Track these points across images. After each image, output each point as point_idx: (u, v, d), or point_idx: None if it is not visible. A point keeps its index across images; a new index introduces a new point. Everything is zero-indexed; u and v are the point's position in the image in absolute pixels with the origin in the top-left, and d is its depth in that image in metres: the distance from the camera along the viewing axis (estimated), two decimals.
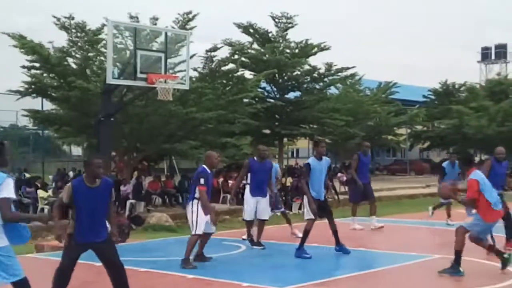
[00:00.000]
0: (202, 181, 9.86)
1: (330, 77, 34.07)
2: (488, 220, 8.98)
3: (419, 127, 51.71)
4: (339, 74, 34.59)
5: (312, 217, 10.74)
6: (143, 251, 11.44)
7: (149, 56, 13.69)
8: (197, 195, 9.91)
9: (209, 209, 9.98)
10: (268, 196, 11.92)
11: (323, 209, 10.97)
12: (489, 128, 41.50)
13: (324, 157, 11.23)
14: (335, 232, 11.15)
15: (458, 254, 9.02)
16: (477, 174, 9.09)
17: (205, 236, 10.26)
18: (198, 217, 9.92)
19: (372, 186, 15.44)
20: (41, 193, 20.04)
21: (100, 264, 10.27)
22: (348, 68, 34.81)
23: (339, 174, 30.77)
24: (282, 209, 13.45)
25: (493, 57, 77.37)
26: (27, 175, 24.32)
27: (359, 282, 9.16)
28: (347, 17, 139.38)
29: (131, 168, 23.10)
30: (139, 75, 12.92)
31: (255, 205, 11.79)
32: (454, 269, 9.01)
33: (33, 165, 32.37)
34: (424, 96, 53.97)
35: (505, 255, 9.17)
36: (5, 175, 5.94)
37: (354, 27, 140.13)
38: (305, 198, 10.93)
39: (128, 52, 17.30)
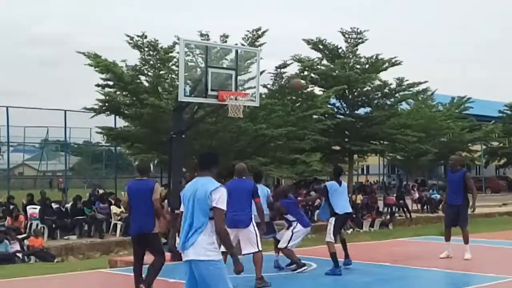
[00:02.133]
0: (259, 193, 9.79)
1: (401, 93, 33.47)
2: None
3: (495, 143, 50.24)
4: (411, 89, 33.92)
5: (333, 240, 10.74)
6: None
7: (220, 74, 13.73)
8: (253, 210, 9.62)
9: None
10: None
11: None
12: None
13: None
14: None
15: None
16: None
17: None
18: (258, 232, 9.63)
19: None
20: (114, 209, 20.41)
21: (173, 280, 10.35)
22: (420, 83, 34.13)
23: (412, 192, 30.22)
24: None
25: None
26: (101, 191, 24.83)
27: None
28: (420, 31, 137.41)
29: None
30: (210, 92, 12.98)
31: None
32: None
33: (106, 181, 33.08)
34: (500, 111, 52.48)
35: None
36: (221, 186, 5.92)
37: (426, 41, 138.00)
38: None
39: (199, 69, 17.46)
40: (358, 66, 32.03)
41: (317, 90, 29.24)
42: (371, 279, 10.66)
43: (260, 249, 9.63)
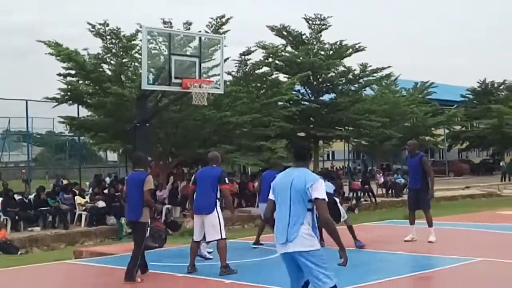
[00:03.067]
0: (226, 180, 9.87)
1: (365, 78, 33.75)
2: None
3: (457, 127, 50.99)
4: (375, 75, 34.24)
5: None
6: (180, 257, 11.38)
7: (183, 61, 13.66)
8: (218, 195, 9.66)
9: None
10: None
11: None
12: None
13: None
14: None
15: None
16: None
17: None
18: (223, 219, 9.70)
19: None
20: (78, 199, 20.20)
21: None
22: (383, 69, 34.48)
23: (377, 176, 30.49)
24: None
25: None
26: (64, 181, 24.54)
27: (397, 287, 8.96)
28: (382, 17, 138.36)
29: (167, 173, 23.15)
30: (173, 80, 12.90)
31: None
32: None
33: (70, 172, 32.73)
34: (462, 96, 53.25)
35: None
36: (318, 176, 5.87)
37: (389, 27, 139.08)
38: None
39: (162, 57, 17.35)
40: (322, 53, 32.16)
41: (282, 77, 29.31)
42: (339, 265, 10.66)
43: (224, 236, 9.63)
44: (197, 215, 9.69)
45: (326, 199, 5.80)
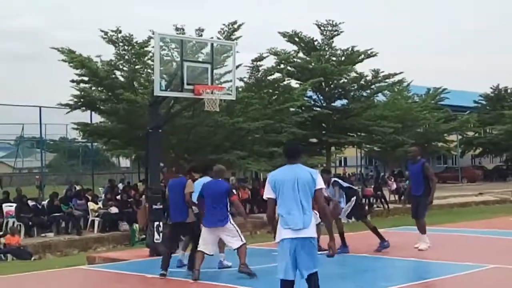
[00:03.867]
0: (234, 191, 10.80)
1: (378, 84, 33.66)
2: None
3: (470, 133, 50.73)
4: (387, 80, 34.15)
5: None
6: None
7: (196, 68, 13.68)
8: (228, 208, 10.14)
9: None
10: None
11: None
12: None
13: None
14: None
15: None
16: None
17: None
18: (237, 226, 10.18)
19: None
20: (91, 205, 20.28)
21: (151, 275, 10.33)
22: (395, 74, 34.36)
23: (389, 182, 30.39)
24: None
25: None
26: (77, 187, 24.65)
27: None
28: (395, 23, 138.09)
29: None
30: (186, 86, 12.92)
31: None
32: None
33: (82, 178, 32.85)
34: (475, 102, 52.99)
35: None
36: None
37: (402, 33, 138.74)
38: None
39: (174, 64, 17.38)
40: (334, 58, 32.13)
41: (294, 83, 29.30)
42: (350, 270, 10.71)
43: (244, 241, 10.02)
44: (211, 228, 9.86)
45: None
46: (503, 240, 13.55)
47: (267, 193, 6.46)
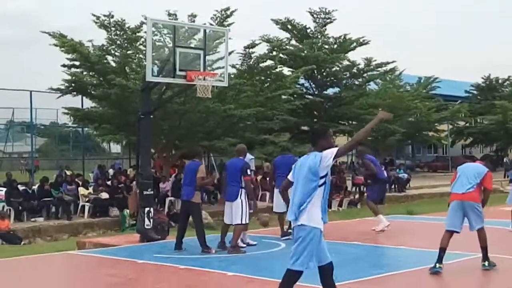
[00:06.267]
0: (248, 171, 10.93)
1: (370, 73, 33.71)
2: None
3: (461, 123, 50.89)
4: (379, 69, 34.20)
5: None
6: (182, 249, 11.42)
7: (188, 54, 13.61)
8: (243, 185, 10.81)
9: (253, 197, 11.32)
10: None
11: None
12: None
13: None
14: None
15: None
16: None
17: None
18: (247, 206, 10.86)
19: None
20: (81, 190, 20.23)
21: (142, 261, 10.35)
22: (387, 63, 34.41)
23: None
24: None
25: None
26: (68, 173, 24.57)
27: (398, 280, 8.99)
28: (386, 11, 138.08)
29: (170, 165, 23.17)
30: (178, 72, 12.86)
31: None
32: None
33: (73, 163, 32.76)
34: (466, 91, 53.14)
35: None
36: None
37: (393, 21, 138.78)
38: None
39: (167, 49, 17.31)
40: (326, 46, 32.14)
41: (286, 71, 29.26)
42: (341, 258, 10.67)
43: (244, 222, 10.83)
44: (227, 202, 11.07)
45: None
46: (493, 230, 13.60)
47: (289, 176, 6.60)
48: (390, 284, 8.80)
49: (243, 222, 10.85)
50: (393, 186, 29.33)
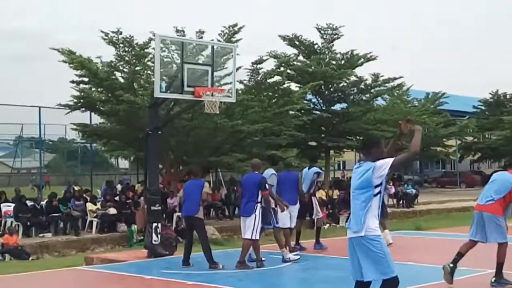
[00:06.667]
0: (267, 186, 10.92)
1: (377, 88, 33.66)
2: None
3: (469, 139, 50.74)
4: (386, 84, 34.15)
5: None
6: (190, 264, 11.42)
7: (196, 70, 13.67)
8: (259, 199, 10.81)
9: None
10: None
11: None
12: None
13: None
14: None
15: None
16: None
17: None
18: (259, 222, 10.77)
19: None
20: (89, 206, 20.26)
21: (149, 277, 10.34)
22: (395, 79, 34.35)
23: (388, 187, 30.39)
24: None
25: None
26: (76, 188, 24.64)
27: None
28: (394, 27, 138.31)
29: (178, 181, 23.20)
30: (186, 88, 12.92)
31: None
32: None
33: (81, 178, 32.84)
34: (474, 107, 53.02)
35: None
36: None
37: (402, 37, 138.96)
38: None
39: (175, 65, 17.35)
40: (333, 62, 32.15)
41: (294, 86, 29.32)
42: (348, 274, 10.70)
43: (253, 238, 10.78)
44: (242, 217, 11.07)
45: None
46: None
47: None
48: None
49: (253, 237, 10.80)
50: (401, 202, 29.26)
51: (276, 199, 11.40)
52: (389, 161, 6.27)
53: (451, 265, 9.16)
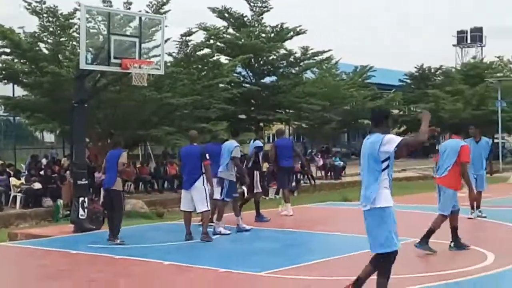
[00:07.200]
0: (207, 156, 11.04)
1: (306, 61, 33.93)
2: None
3: (395, 111, 51.89)
4: (315, 58, 34.44)
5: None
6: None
7: (123, 41, 13.45)
8: (203, 170, 10.94)
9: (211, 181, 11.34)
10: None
11: None
12: (464, 112, 41.82)
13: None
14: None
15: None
16: None
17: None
18: (208, 192, 11.02)
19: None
20: (13, 180, 19.74)
21: (75, 251, 10.19)
22: (324, 52, 34.67)
23: (316, 159, 30.82)
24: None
25: (468, 40, 77.24)
26: None
27: (333, 266, 9.13)
28: (324, 1, 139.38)
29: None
30: (113, 60, 12.70)
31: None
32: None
33: (4, 152, 31.89)
34: (400, 80, 54.16)
35: None
36: None
37: (330, 10, 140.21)
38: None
39: (101, 37, 17.03)
40: (263, 35, 32.18)
41: (223, 59, 29.18)
42: (279, 245, 10.89)
43: (209, 208, 11.09)
44: (185, 190, 11.19)
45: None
46: (425, 215, 13.95)
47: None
48: (326, 268, 8.92)
49: (209, 207, 11.09)
50: (329, 174, 29.72)
51: (210, 178, 11.27)
52: (396, 139, 6.34)
53: (453, 243, 9.83)
